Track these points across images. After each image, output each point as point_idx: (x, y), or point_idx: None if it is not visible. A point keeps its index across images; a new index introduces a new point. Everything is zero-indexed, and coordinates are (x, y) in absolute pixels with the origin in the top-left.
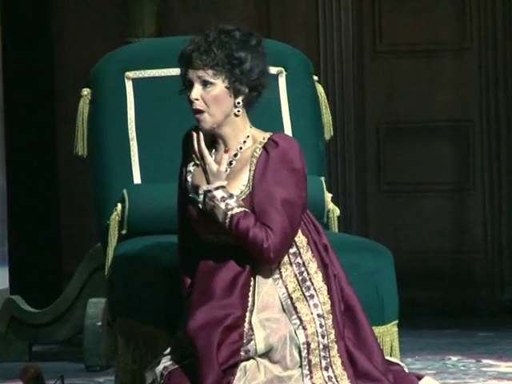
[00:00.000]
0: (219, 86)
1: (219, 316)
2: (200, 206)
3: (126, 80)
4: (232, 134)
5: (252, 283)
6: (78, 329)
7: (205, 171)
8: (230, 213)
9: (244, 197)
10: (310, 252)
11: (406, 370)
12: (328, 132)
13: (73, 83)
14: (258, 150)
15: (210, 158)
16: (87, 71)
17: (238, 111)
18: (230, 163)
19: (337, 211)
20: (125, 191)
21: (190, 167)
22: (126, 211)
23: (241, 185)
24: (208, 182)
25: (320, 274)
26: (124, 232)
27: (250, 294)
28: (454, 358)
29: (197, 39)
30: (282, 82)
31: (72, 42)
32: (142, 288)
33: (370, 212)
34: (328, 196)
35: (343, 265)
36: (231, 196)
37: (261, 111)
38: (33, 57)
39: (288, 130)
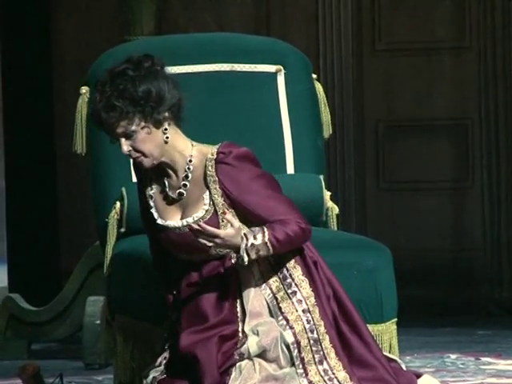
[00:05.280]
0: (139, 129)
1: (213, 333)
2: (247, 262)
3: None
4: (174, 158)
5: (238, 293)
6: (76, 327)
7: (223, 243)
8: (266, 239)
9: (210, 216)
10: None
11: (404, 368)
12: (327, 130)
13: (72, 81)
14: (210, 167)
15: (222, 232)
16: (86, 69)
17: (167, 137)
18: (185, 185)
19: (336, 209)
20: (123, 189)
21: (150, 192)
22: (125, 209)
23: (203, 205)
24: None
25: (299, 268)
26: (123, 230)
27: (238, 303)
28: (452, 356)
29: (96, 96)
30: (281, 80)
31: (71, 40)
32: (140, 286)
33: (368, 210)
34: (327, 194)
35: (342, 263)
36: (251, 231)
37: (260, 110)
38: (32, 55)
39: (287, 128)
